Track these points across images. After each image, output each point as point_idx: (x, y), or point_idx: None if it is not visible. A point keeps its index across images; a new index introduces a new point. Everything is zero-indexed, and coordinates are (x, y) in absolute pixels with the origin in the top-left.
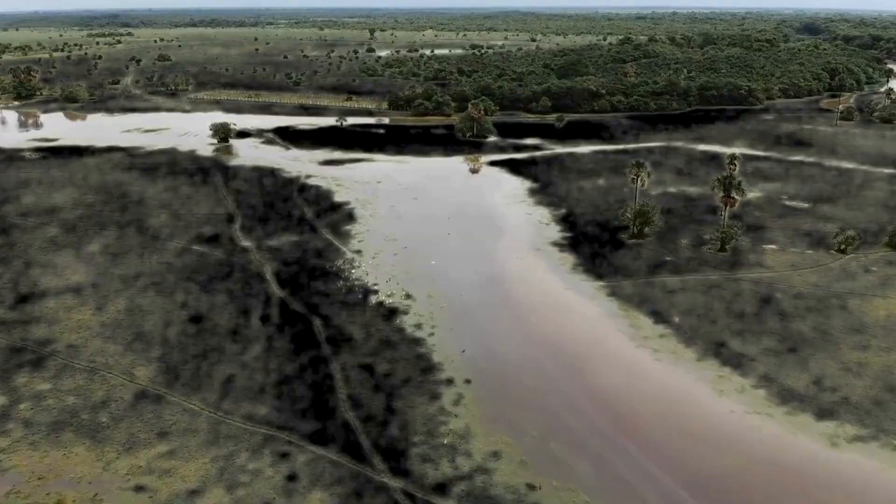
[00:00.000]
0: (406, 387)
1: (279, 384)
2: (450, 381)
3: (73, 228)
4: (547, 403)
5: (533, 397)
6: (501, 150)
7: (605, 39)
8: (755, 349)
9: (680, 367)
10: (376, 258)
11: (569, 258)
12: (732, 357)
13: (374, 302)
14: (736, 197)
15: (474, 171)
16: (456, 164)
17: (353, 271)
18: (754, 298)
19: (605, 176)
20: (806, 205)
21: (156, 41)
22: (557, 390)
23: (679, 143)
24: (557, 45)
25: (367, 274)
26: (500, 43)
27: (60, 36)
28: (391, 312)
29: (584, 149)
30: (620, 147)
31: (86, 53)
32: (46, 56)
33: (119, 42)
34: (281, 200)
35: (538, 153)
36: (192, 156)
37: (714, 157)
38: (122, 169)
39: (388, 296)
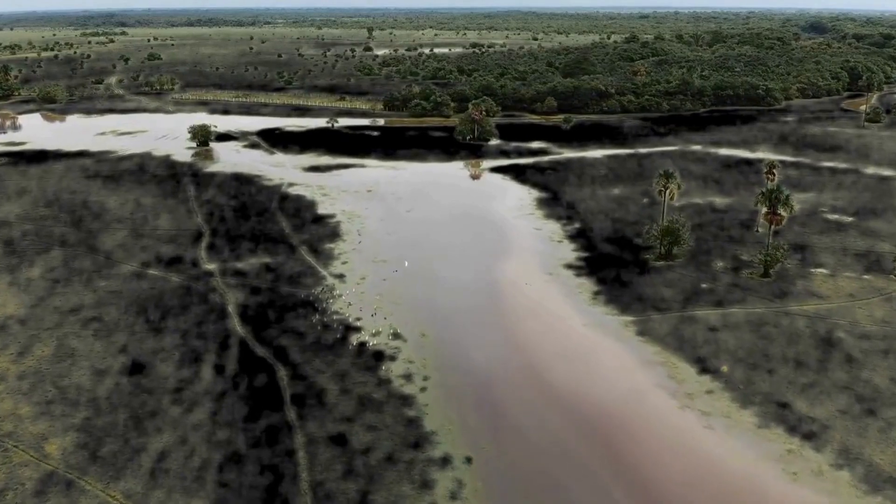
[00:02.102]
0: (389, 469)
1: (225, 465)
2: (446, 461)
3: (15, 248)
4: (574, 497)
5: (555, 488)
6: (505, 154)
7: (608, 38)
8: (826, 411)
9: (738, 437)
10: (361, 284)
11: (587, 285)
12: (800, 422)
13: (355, 343)
14: (783, 213)
15: (475, 177)
16: (455, 170)
17: (332, 302)
18: (813, 339)
19: (621, 184)
20: (849, 218)
21: (149, 40)
22: (587, 476)
23: (697, 147)
24: (560, 43)
25: (350, 305)
26: (500, 42)
27: (53, 35)
28: (375, 358)
29: (595, 153)
30: (634, 151)
31: (75, 52)
32: (34, 55)
33: (111, 41)
34: (257, 213)
35: (545, 158)
36: (166, 161)
37: (738, 163)
38: (86, 176)
39: (373, 335)
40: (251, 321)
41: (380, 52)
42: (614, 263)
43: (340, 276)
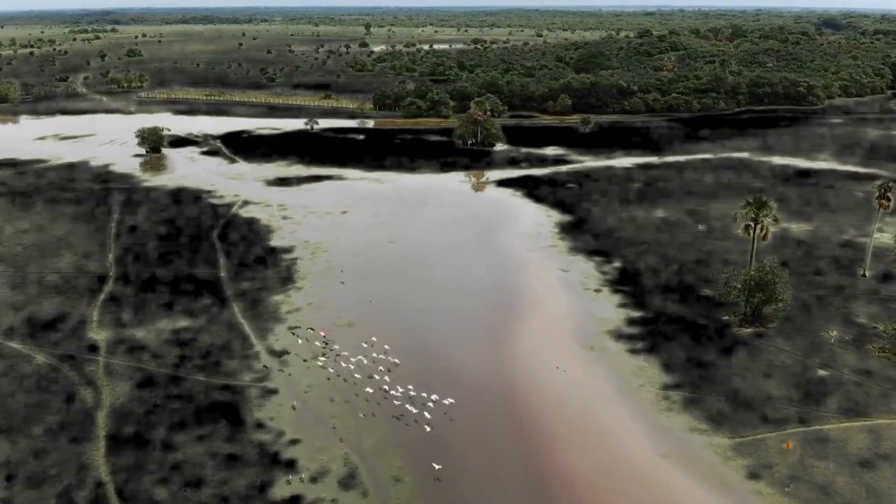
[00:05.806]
0: None
1: None
2: None
3: None
4: None
5: None
6: (513, 163)
7: (617, 34)
8: None
9: None
10: (312, 369)
11: (649, 370)
12: None
13: (281, 500)
14: None
15: (478, 191)
16: (453, 184)
17: (261, 405)
18: None
19: (664, 204)
20: None
21: (137, 37)
22: None
23: (744, 154)
24: (566, 39)
25: (289, 411)
26: (503, 38)
27: (41, 33)
28: None
29: (623, 161)
30: (669, 159)
31: (54, 50)
32: (10, 53)
33: (97, 38)
34: (190, 246)
35: (563, 168)
36: (102, 172)
37: (804, 175)
38: None
39: (314, 478)
40: (125, 446)
41: (376, 49)
42: (682, 329)
43: (282, 354)
